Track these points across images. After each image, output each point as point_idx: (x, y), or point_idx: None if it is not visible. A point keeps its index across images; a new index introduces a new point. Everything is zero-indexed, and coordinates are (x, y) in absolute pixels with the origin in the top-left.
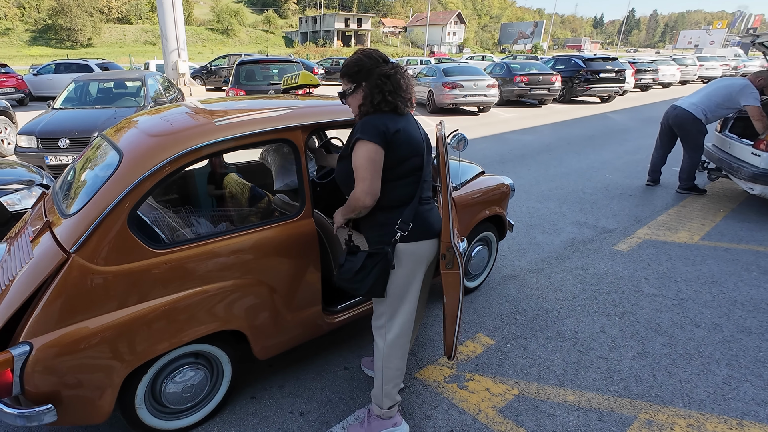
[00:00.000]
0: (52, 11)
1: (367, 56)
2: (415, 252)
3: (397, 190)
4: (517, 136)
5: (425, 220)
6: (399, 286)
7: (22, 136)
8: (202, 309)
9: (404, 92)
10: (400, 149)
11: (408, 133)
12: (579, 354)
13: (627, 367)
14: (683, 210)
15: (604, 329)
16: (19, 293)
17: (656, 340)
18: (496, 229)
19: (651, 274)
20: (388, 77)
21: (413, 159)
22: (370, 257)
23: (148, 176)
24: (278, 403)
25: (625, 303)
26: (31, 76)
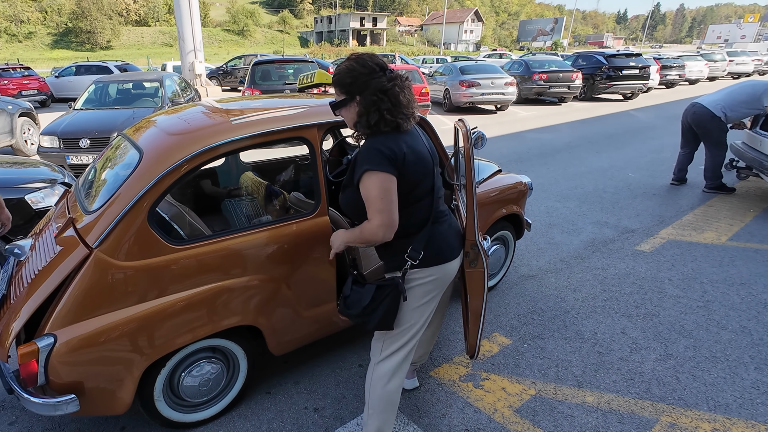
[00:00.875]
0: (72, 14)
1: (361, 64)
2: (428, 279)
3: (412, 217)
4: (535, 134)
5: (441, 242)
6: (407, 316)
7: (45, 136)
8: (219, 304)
9: (405, 108)
10: (412, 173)
11: (416, 153)
12: (599, 355)
13: (649, 369)
14: (710, 210)
15: (626, 330)
16: (44, 287)
17: (680, 342)
18: (514, 229)
19: (675, 275)
20: (385, 92)
21: (425, 180)
22: (379, 289)
23: (168, 173)
24: (293, 398)
25: (648, 304)
26: (52, 79)
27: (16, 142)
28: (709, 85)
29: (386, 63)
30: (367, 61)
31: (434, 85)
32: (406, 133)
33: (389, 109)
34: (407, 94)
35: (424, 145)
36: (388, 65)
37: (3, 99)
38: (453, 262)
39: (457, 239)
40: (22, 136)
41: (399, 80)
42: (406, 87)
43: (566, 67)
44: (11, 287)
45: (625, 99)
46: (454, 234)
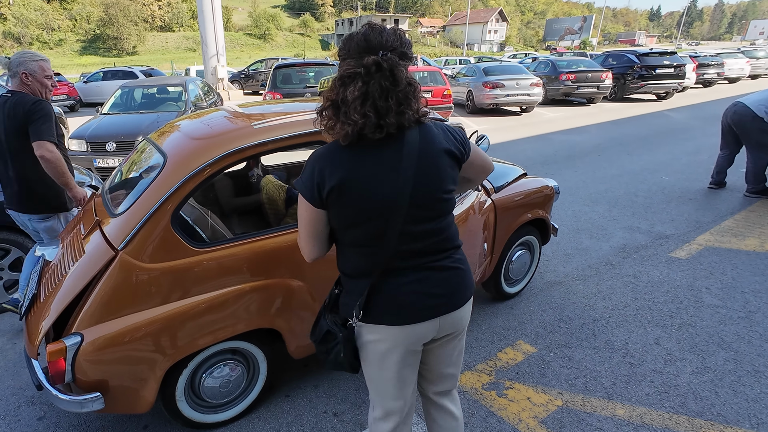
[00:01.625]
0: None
1: (350, 39)
2: (378, 339)
3: (353, 259)
4: (562, 136)
5: (393, 299)
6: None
7: (74, 140)
8: (240, 307)
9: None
10: (343, 214)
11: (361, 185)
12: (630, 366)
13: (684, 383)
14: (752, 215)
15: (659, 341)
16: (72, 287)
17: (719, 354)
18: (539, 233)
19: (713, 283)
20: (342, 81)
21: (370, 223)
22: (328, 334)
23: (191, 177)
24: (312, 402)
25: (683, 314)
26: (81, 84)
27: None
28: (750, 83)
29: (389, 43)
30: (358, 35)
31: (457, 87)
32: (360, 150)
33: (334, 102)
34: (368, 88)
35: (392, 171)
36: (391, 46)
37: None
38: (419, 326)
39: (433, 298)
40: None
41: (369, 68)
42: (376, 80)
43: (595, 66)
44: (41, 287)
45: (658, 99)
46: (429, 289)
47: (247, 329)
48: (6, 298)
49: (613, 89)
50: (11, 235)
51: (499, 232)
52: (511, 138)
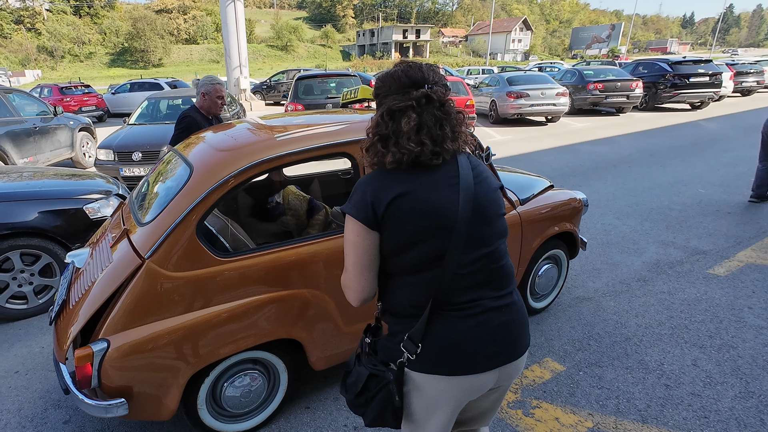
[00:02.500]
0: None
1: (391, 76)
2: (431, 389)
3: (405, 292)
4: (590, 147)
5: (454, 341)
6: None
7: (101, 150)
8: (262, 317)
9: (407, 138)
10: (401, 228)
11: (418, 199)
12: (666, 388)
13: (726, 408)
14: None
15: (697, 363)
16: (100, 294)
17: (764, 379)
18: (567, 247)
19: (757, 302)
20: (392, 114)
21: (430, 242)
22: (372, 378)
23: (216, 188)
24: (332, 415)
25: (724, 334)
26: (109, 95)
27: (75, 155)
28: None
29: (430, 78)
30: (398, 72)
31: (480, 97)
32: (416, 172)
33: (385, 136)
34: (423, 119)
35: (452, 191)
36: (433, 80)
37: (66, 115)
38: (474, 377)
39: (497, 344)
40: (81, 149)
41: (420, 101)
42: (429, 112)
43: (625, 75)
44: (70, 293)
45: (693, 108)
46: (498, 335)
47: (269, 339)
48: (36, 303)
49: (643, 98)
50: (42, 242)
51: (524, 245)
52: (536, 149)
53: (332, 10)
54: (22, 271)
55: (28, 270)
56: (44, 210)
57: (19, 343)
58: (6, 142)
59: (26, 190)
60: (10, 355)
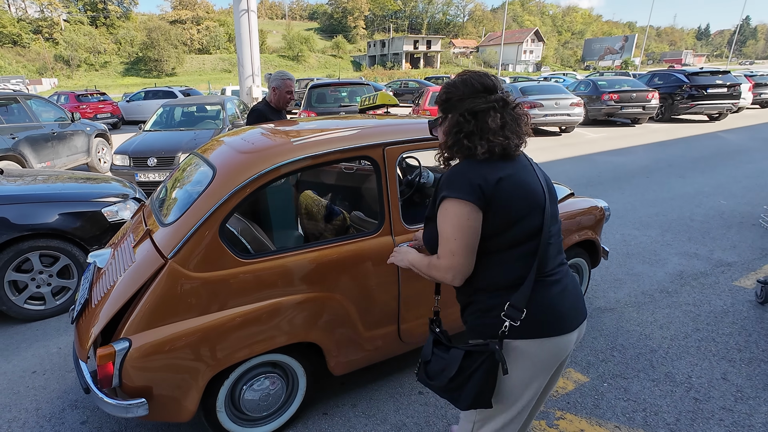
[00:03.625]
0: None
1: (464, 83)
2: (534, 353)
3: (504, 267)
4: (606, 157)
5: (551, 304)
6: (506, 392)
7: (117, 155)
8: (281, 319)
9: (494, 134)
10: (507, 206)
11: (518, 181)
12: (695, 402)
13: (760, 423)
14: None
15: (727, 376)
16: (123, 293)
17: None
18: (588, 256)
19: None
20: (475, 115)
21: (530, 218)
22: (469, 357)
23: (239, 190)
24: (350, 421)
25: (753, 348)
26: (124, 103)
27: (91, 161)
28: None
29: (499, 85)
30: (471, 80)
31: None
32: (506, 161)
33: (470, 133)
34: (506, 119)
35: (534, 175)
36: (500, 87)
37: (83, 121)
38: (566, 336)
39: (575, 309)
40: (96, 155)
41: (499, 103)
42: (509, 113)
43: (640, 86)
44: (92, 292)
45: (711, 120)
46: (572, 299)
47: (288, 342)
48: (54, 304)
49: (660, 110)
50: (61, 244)
51: None
52: (552, 158)
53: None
54: (41, 272)
55: (47, 271)
56: (64, 212)
57: (37, 344)
58: (25, 146)
59: (46, 192)
60: (28, 355)
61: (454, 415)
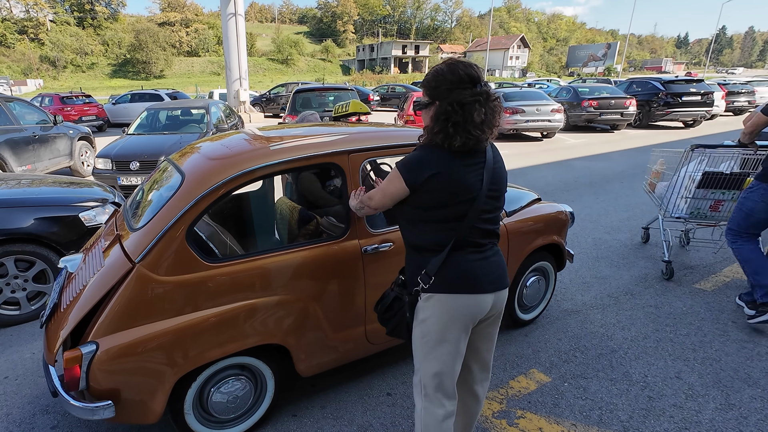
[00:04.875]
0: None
1: (452, 71)
2: (447, 305)
3: (427, 235)
4: (584, 162)
5: (466, 269)
6: (427, 337)
7: (100, 159)
8: (249, 322)
9: (476, 127)
10: (430, 195)
11: (452, 178)
12: (649, 400)
13: (707, 419)
14: None
15: (681, 375)
16: (91, 297)
17: (744, 391)
18: (554, 260)
19: (741, 317)
20: (462, 106)
21: (456, 206)
22: (395, 300)
23: (206, 195)
24: (319, 423)
25: (708, 348)
26: (110, 105)
27: (74, 164)
28: None
29: (482, 77)
30: (459, 69)
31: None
32: (462, 155)
33: (457, 123)
34: (486, 113)
35: (478, 173)
36: (483, 79)
37: (66, 124)
38: (474, 297)
39: (492, 275)
40: (79, 158)
41: (483, 96)
42: (489, 106)
43: (619, 93)
44: (62, 297)
45: (686, 126)
46: (490, 268)
47: (255, 344)
48: (29, 309)
49: (637, 116)
50: (37, 248)
51: (511, 256)
52: (532, 163)
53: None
54: (16, 277)
55: (22, 276)
56: (40, 216)
57: (10, 349)
58: (5, 149)
59: (22, 197)
60: (0, 360)
61: None
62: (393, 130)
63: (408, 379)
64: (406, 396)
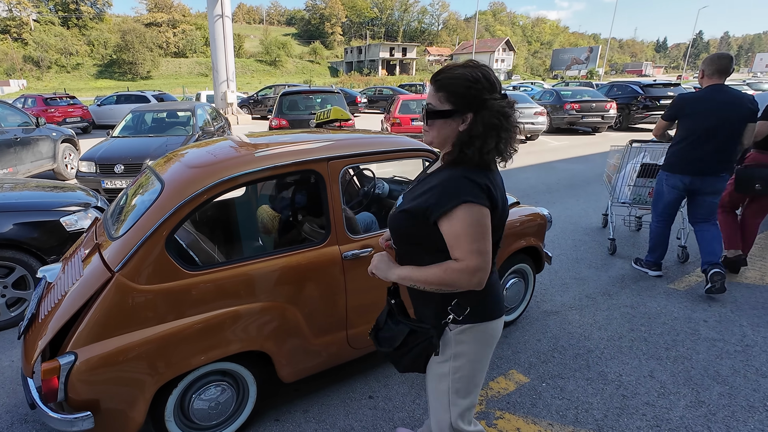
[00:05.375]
0: (117, 47)
1: (485, 76)
2: (485, 332)
3: None
4: (566, 164)
5: (498, 292)
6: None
7: (83, 161)
8: (230, 329)
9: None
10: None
11: (502, 197)
12: (623, 398)
13: (677, 416)
14: (755, 248)
15: (654, 374)
16: (70, 307)
17: (714, 389)
18: (533, 262)
19: (711, 316)
20: (507, 118)
21: (499, 230)
22: (412, 335)
23: (185, 204)
24: (301, 427)
25: (680, 347)
26: (95, 107)
27: (57, 167)
28: None
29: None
30: (491, 74)
31: None
32: (493, 172)
33: (507, 139)
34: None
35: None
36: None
37: (48, 126)
38: (499, 320)
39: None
40: (63, 161)
41: (512, 108)
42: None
43: (600, 96)
44: (40, 307)
45: None
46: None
47: (236, 351)
48: (9, 315)
49: (618, 119)
50: (17, 254)
51: None
52: (515, 166)
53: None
54: None
55: (1, 282)
56: (19, 222)
57: None
58: None
59: (1, 202)
60: None
61: (401, 418)
62: (374, 137)
63: (390, 382)
64: (388, 398)
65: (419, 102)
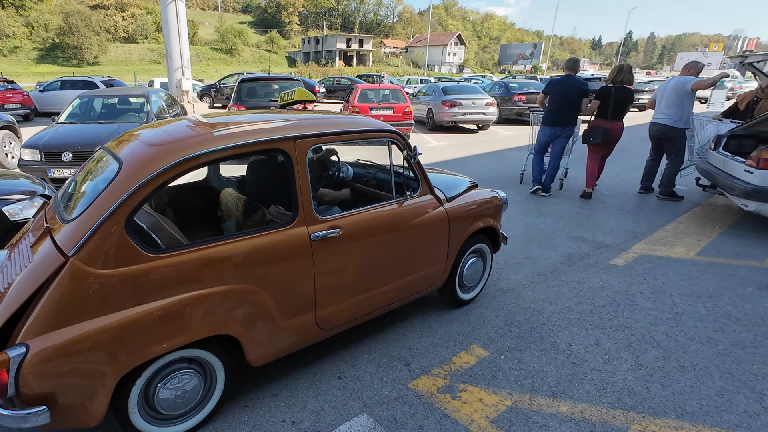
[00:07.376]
0: (59, 30)
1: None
2: None
3: None
4: (516, 153)
5: None
6: None
7: (26, 149)
8: (196, 313)
9: None
10: None
11: None
12: (573, 366)
13: (620, 379)
14: (680, 226)
15: (599, 342)
16: (18, 295)
17: (650, 352)
18: (491, 242)
19: (646, 288)
20: None
21: None
22: None
23: (146, 182)
24: (271, 411)
25: (620, 316)
26: (37, 93)
27: None
28: None
29: None
30: None
31: (418, 105)
32: None
33: None
34: None
35: None
36: None
37: None
38: None
39: None
40: (2, 149)
41: None
42: None
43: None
44: None
45: None
46: None
47: (202, 336)
48: None
49: None
50: None
51: (452, 239)
52: (469, 154)
53: (277, 15)
54: None
55: None
56: None
57: None
58: None
59: None
60: None
61: (370, 396)
62: (340, 117)
63: (358, 362)
64: (356, 378)
65: (377, 92)
